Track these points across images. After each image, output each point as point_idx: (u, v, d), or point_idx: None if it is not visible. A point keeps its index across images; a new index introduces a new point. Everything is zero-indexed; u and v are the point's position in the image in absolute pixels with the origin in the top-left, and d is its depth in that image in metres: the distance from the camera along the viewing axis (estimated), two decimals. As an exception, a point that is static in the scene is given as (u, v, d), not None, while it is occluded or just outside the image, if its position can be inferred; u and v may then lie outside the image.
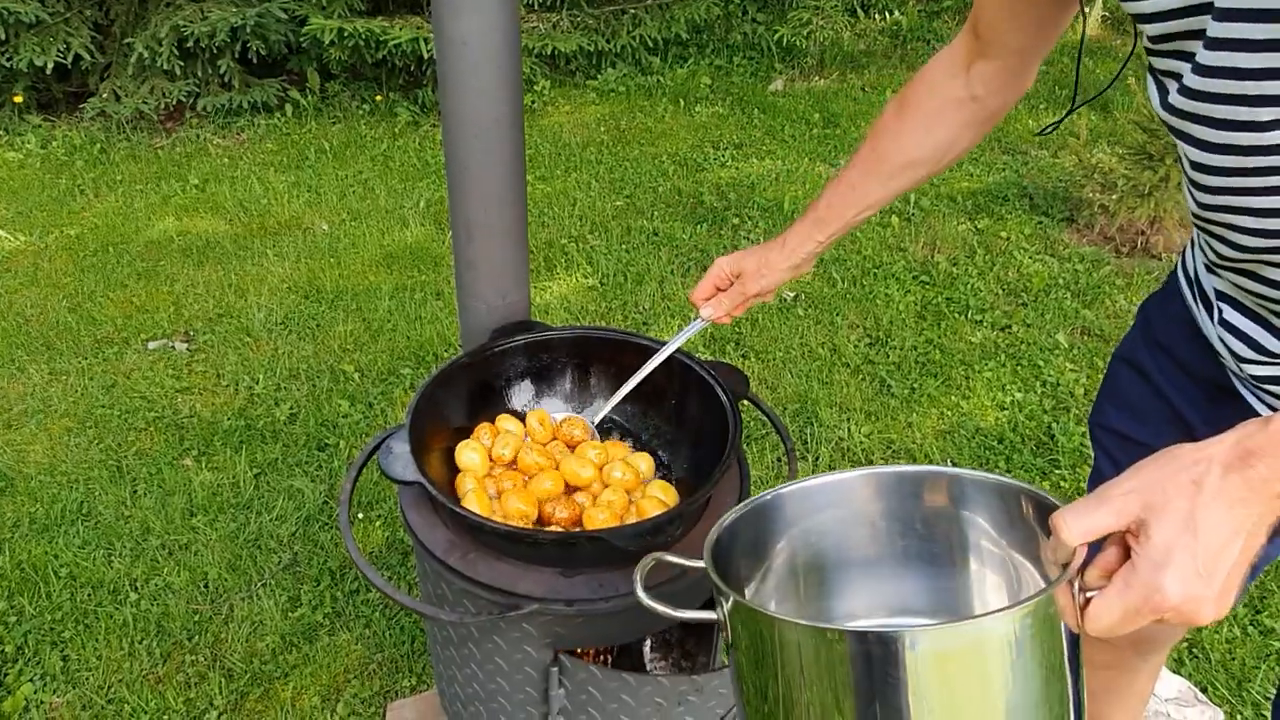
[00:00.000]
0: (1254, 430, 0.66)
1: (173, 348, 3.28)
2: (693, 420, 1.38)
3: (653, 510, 1.21)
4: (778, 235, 1.33)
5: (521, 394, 1.44)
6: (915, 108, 1.23)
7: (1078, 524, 0.68)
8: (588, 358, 1.46)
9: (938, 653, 0.68)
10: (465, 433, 1.37)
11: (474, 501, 1.28)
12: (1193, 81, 0.81)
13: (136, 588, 2.30)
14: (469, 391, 1.39)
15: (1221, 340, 1.01)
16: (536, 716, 1.27)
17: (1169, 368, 1.13)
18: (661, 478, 1.37)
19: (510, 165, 1.39)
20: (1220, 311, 1.01)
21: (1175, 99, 0.84)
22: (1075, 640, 0.72)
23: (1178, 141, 0.89)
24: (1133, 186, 3.63)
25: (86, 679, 2.07)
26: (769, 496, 0.88)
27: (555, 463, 1.31)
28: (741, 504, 0.88)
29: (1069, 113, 1.27)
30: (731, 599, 0.75)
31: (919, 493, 0.88)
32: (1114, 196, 3.68)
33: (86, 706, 2.01)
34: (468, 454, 1.33)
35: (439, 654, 1.42)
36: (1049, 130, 1.25)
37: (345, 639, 2.16)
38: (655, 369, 1.36)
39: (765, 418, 1.50)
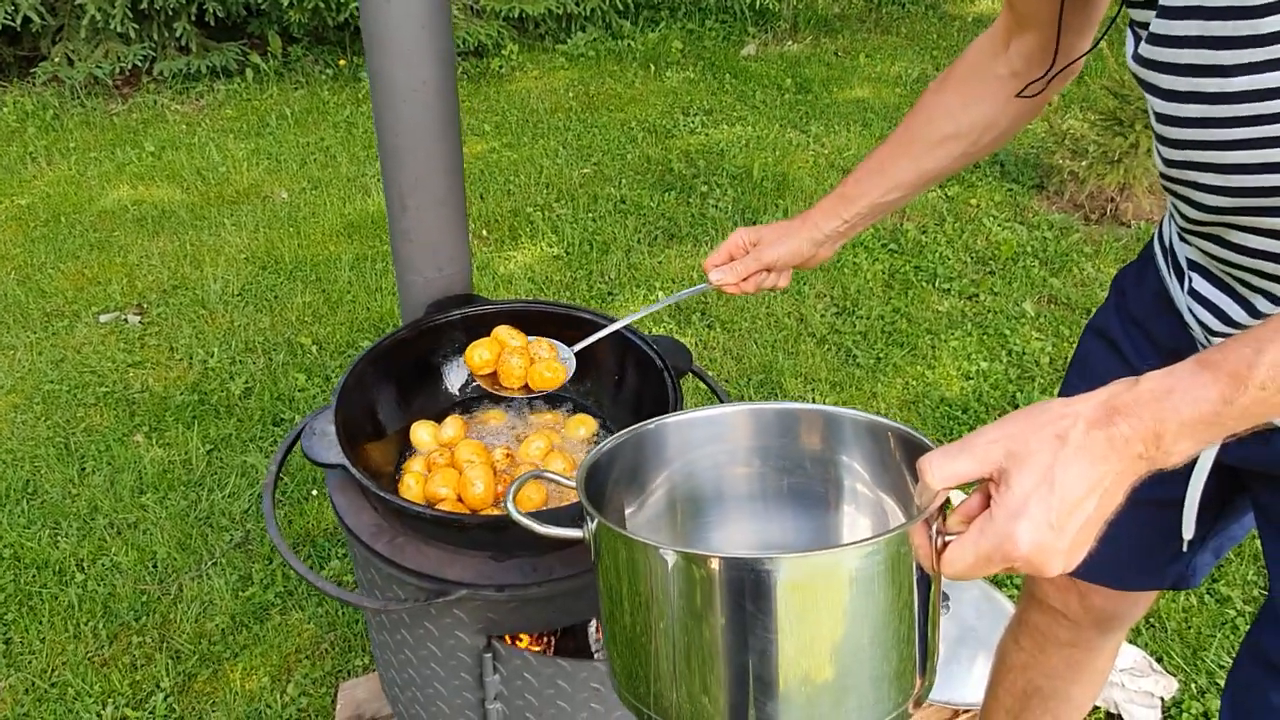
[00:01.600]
0: (1122, 390, 0.67)
1: (125, 320, 3.20)
2: (634, 395, 1.34)
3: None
4: (802, 213, 1.27)
5: (458, 371, 1.39)
6: (955, 83, 1.18)
7: (942, 469, 0.69)
8: (529, 332, 1.41)
9: (783, 582, 0.68)
10: (400, 412, 1.32)
11: (414, 484, 1.23)
12: (1159, 26, 0.80)
13: (83, 568, 2.24)
14: (403, 369, 1.34)
15: (1190, 311, 0.98)
16: (473, 702, 1.24)
17: (1141, 342, 1.10)
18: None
19: (443, 130, 1.33)
20: (1190, 281, 0.99)
21: (1144, 48, 0.83)
22: (927, 583, 0.73)
23: (1147, 96, 0.87)
24: (1103, 153, 3.60)
25: (29, 662, 2.02)
26: (651, 426, 0.89)
27: (489, 459, 1.27)
28: (622, 431, 0.89)
29: (1047, 73, 1.19)
30: (596, 520, 0.76)
31: (797, 430, 0.90)
32: (1084, 163, 3.65)
33: (29, 690, 1.96)
34: (420, 432, 1.30)
35: (375, 639, 1.38)
36: (1029, 94, 1.16)
37: (297, 618, 2.12)
38: (598, 341, 1.32)
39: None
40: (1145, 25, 0.84)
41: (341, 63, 5.30)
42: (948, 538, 0.70)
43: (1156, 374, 0.67)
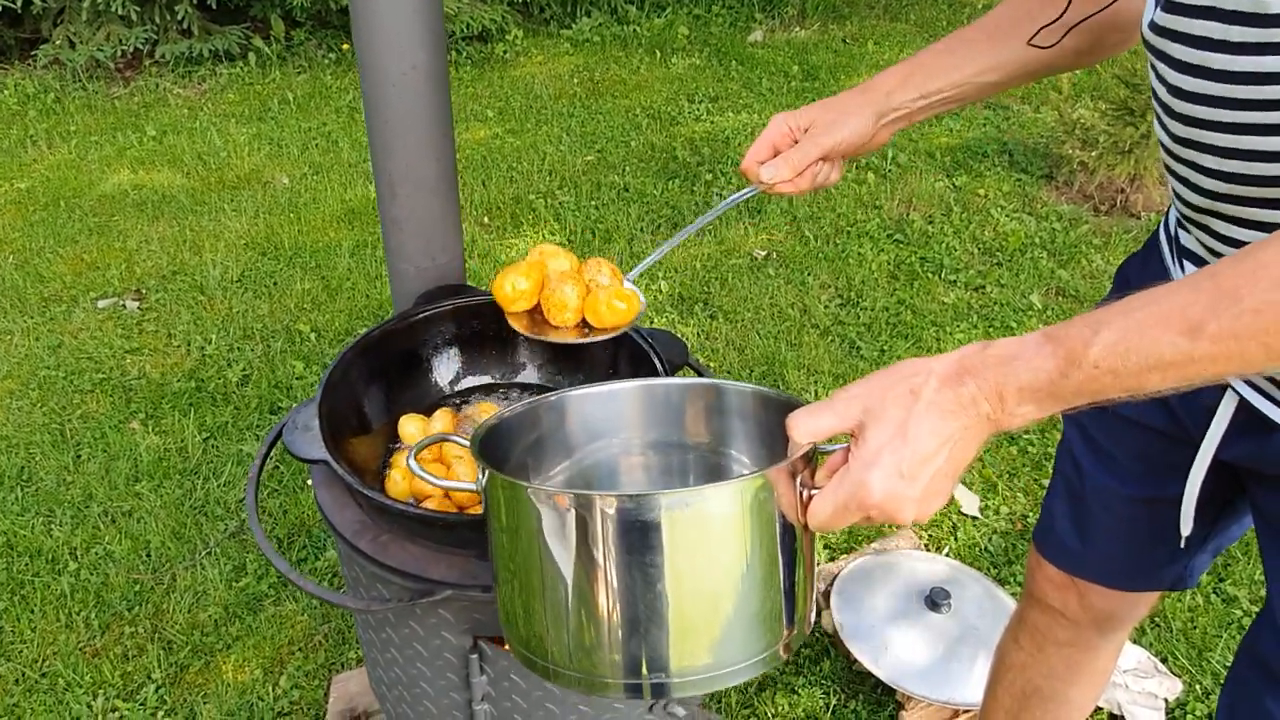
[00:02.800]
0: (974, 351, 0.70)
1: (123, 306, 3.17)
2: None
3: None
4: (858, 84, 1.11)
5: (448, 363, 1.36)
6: None
7: (805, 424, 0.73)
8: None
9: (650, 519, 0.72)
10: (387, 405, 1.29)
11: (400, 479, 1.21)
12: None
13: (76, 556, 2.23)
14: (392, 361, 1.30)
15: None
16: (460, 702, 1.22)
17: None
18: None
19: (434, 115, 1.30)
20: (1184, 271, 0.96)
21: (1159, 15, 0.83)
22: (794, 533, 0.77)
23: (1156, 65, 0.86)
24: (1113, 143, 3.54)
25: (20, 652, 2.00)
26: (551, 398, 0.94)
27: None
28: (523, 401, 0.93)
29: (1059, 19, 1.05)
30: (488, 472, 0.79)
31: (689, 404, 0.94)
32: (1094, 153, 3.59)
33: (19, 681, 1.94)
34: (408, 426, 1.26)
35: (362, 636, 1.36)
36: (1040, 43, 1.05)
37: (291, 609, 2.10)
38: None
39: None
40: None
41: (345, 47, 5.26)
42: (814, 490, 0.74)
43: (1008, 340, 0.69)
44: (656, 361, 1.24)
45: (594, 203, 3.75)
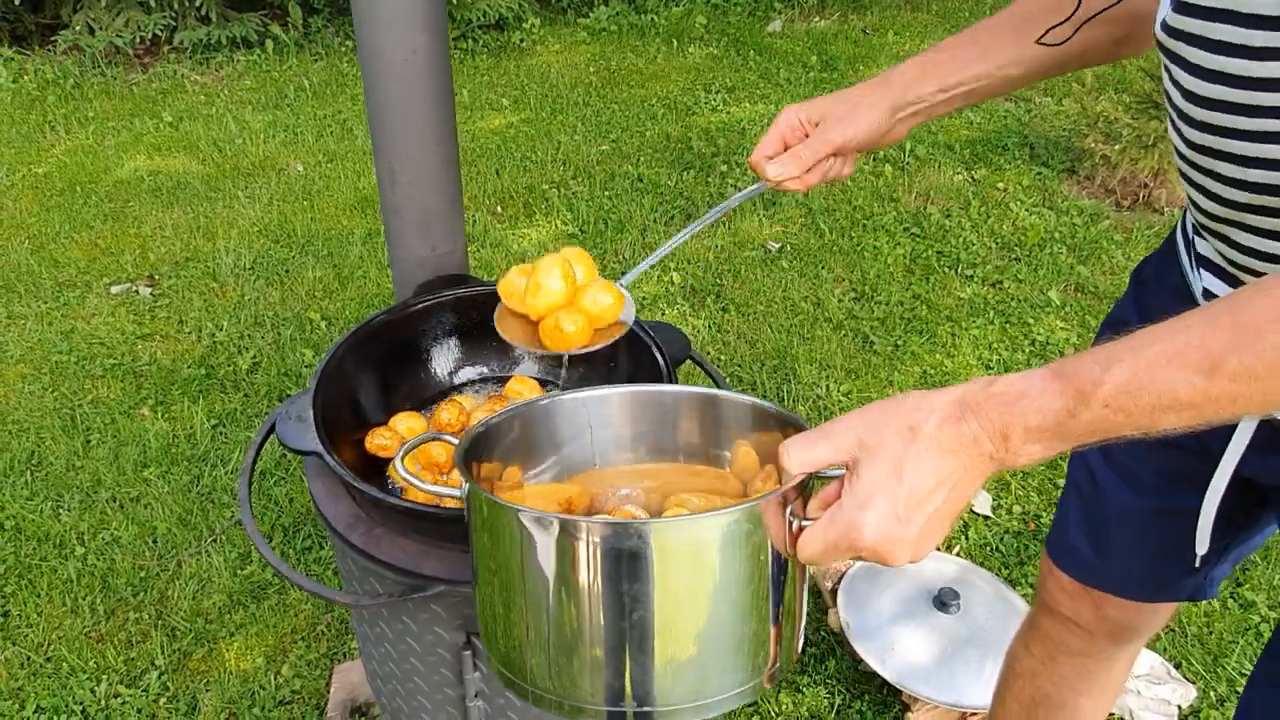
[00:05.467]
0: (977, 388, 0.66)
1: (136, 292, 3.18)
2: (629, 383, 1.28)
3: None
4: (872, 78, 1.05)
5: (447, 354, 1.34)
6: None
7: (798, 455, 0.70)
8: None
9: (629, 548, 0.70)
10: (384, 397, 1.27)
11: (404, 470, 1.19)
12: None
13: (83, 541, 2.23)
14: (388, 352, 1.29)
15: None
16: (454, 698, 1.20)
17: None
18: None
19: (434, 102, 1.27)
20: (1202, 279, 0.93)
21: (1170, 16, 0.79)
22: (784, 563, 0.74)
23: (1170, 68, 0.82)
24: (1136, 137, 3.47)
25: (26, 636, 2.01)
26: (543, 401, 0.91)
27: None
28: (511, 406, 0.90)
29: (1071, 16, 1.01)
30: (467, 483, 0.78)
31: (678, 412, 0.91)
32: (1117, 147, 3.53)
33: (24, 665, 1.95)
34: (405, 422, 1.24)
35: (357, 630, 1.34)
36: (1049, 41, 1.01)
37: (295, 598, 2.09)
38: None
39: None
40: None
41: (361, 34, 5.25)
42: (804, 522, 0.71)
43: (1013, 376, 0.66)
44: (658, 355, 1.22)
45: (607, 193, 3.72)
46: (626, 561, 0.70)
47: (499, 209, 3.66)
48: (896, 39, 5.23)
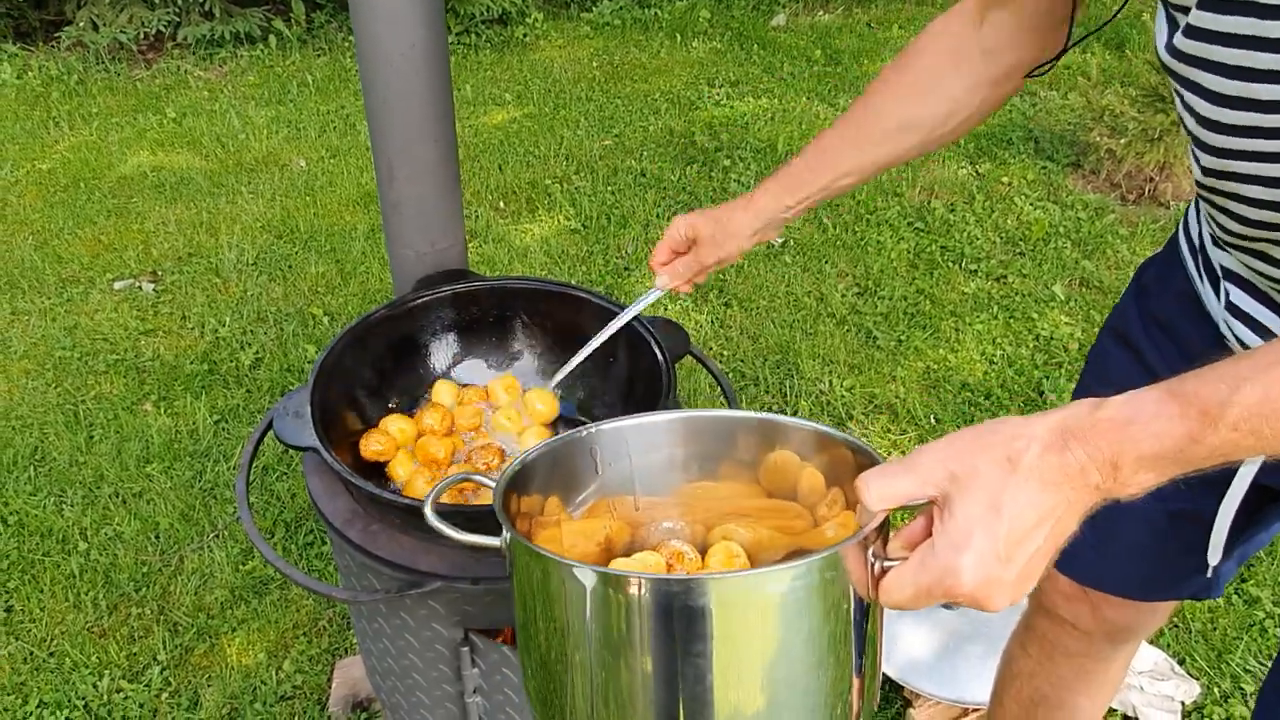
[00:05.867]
0: (1082, 413, 0.60)
1: (139, 288, 3.18)
2: (628, 379, 1.28)
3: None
4: (744, 194, 1.18)
5: (445, 350, 1.34)
6: (916, 59, 1.06)
7: (880, 488, 0.63)
8: (520, 312, 1.36)
9: (703, 605, 0.63)
10: (382, 393, 1.27)
11: (403, 468, 1.19)
12: (1200, 19, 0.70)
13: (86, 537, 2.24)
14: (386, 347, 1.28)
15: (1227, 325, 0.89)
16: (453, 694, 1.20)
17: (1167, 347, 1.00)
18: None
19: (433, 97, 1.27)
20: (1228, 294, 0.90)
21: (1180, 40, 0.74)
22: (865, 608, 0.68)
23: (1183, 93, 0.78)
24: (1142, 130, 3.45)
25: (29, 631, 2.01)
26: (583, 433, 0.83)
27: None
28: (553, 438, 0.83)
29: (1063, 52, 1.09)
30: (509, 533, 0.71)
31: (734, 440, 0.83)
32: (1122, 141, 3.51)
33: (27, 660, 1.96)
34: (396, 424, 1.24)
35: (356, 626, 1.34)
36: (1040, 73, 1.06)
37: (296, 593, 2.09)
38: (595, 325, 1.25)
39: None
40: (1185, 10, 0.74)
41: (365, 29, 5.24)
42: (887, 563, 0.65)
43: (1121, 399, 0.60)
44: (656, 350, 1.21)
45: (610, 188, 3.71)
46: (685, 620, 0.63)
47: (502, 204, 3.65)
48: (901, 32, 5.20)
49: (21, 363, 2.83)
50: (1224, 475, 0.94)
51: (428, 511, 0.79)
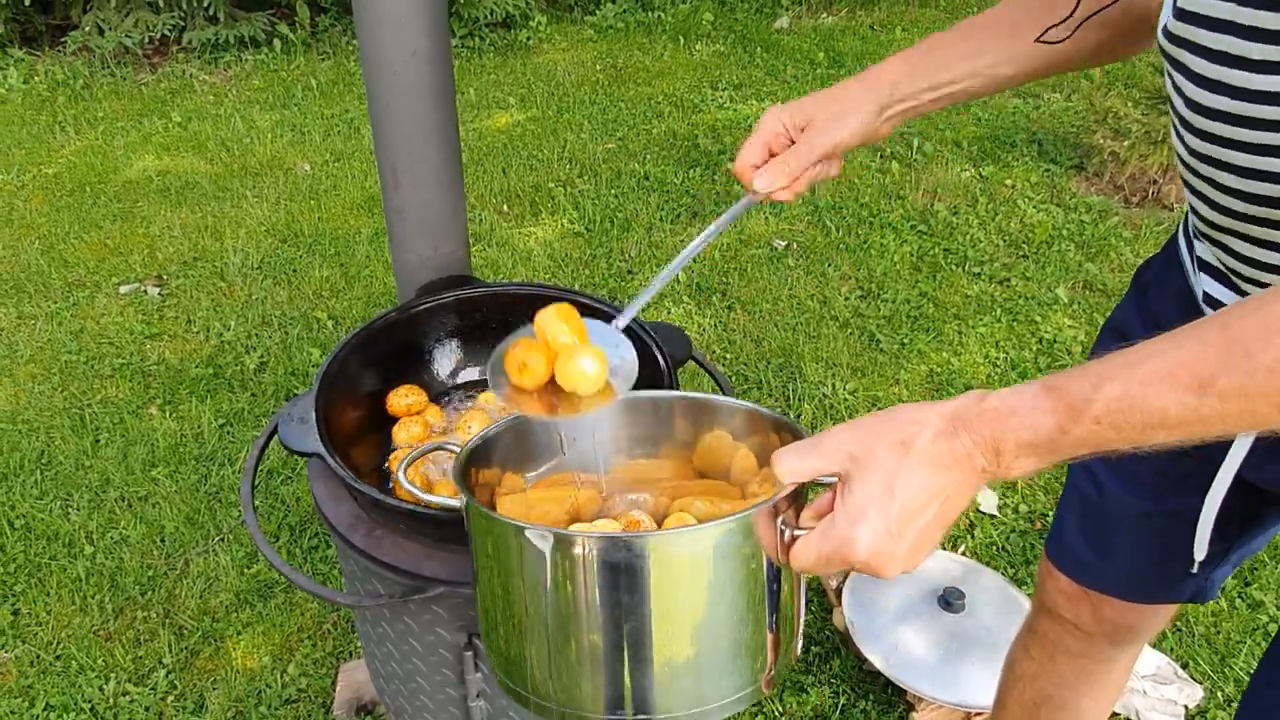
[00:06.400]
0: (971, 404, 0.67)
1: (145, 292, 3.20)
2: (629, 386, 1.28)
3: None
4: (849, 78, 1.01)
5: (449, 356, 1.35)
6: None
7: (789, 464, 0.71)
8: (523, 318, 1.36)
9: (625, 562, 0.71)
10: (381, 397, 1.27)
11: (415, 475, 1.19)
12: (1187, 1, 0.75)
13: (92, 540, 2.25)
14: (390, 353, 1.29)
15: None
16: (456, 698, 1.21)
17: None
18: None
19: (436, 103, 1.28)
20: (1204, 287, 0.92)
21: (1170, 22, 0.79)
22: (777, 571, 0.76)
23: (1172, 74, 0.81)
24: (1145, 133, 3.45)
25: (36, 634, 2.02)
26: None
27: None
28: (507, 418, 0.91)
29: (1070, 16, 0.99)
30: (465, 498, 0.80)
31: (671, 419, 0.92)
32: (1126, 143, 3.51)
33: (34, 663, 1.97)
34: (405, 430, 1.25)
35: (360, 630, 1.35)
36: (1051, 38, 0.98)
37: (301, 597, 2.10)
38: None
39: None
40: None
41: (369, 33, 5.25)
42: (797, 531, 0.72)
43: (1005, 391, 0.67)
44: (658, 355, 1.22)
45: (613, 191, 3.72)
46: (623, 574, 0.71)
47: (505, 208, 3.66)
48: (904, 35, 5.21)
49: (28, 367, 2.84)
50: (1210, 472, 0.95)
51: (400, 475, 0.87)
